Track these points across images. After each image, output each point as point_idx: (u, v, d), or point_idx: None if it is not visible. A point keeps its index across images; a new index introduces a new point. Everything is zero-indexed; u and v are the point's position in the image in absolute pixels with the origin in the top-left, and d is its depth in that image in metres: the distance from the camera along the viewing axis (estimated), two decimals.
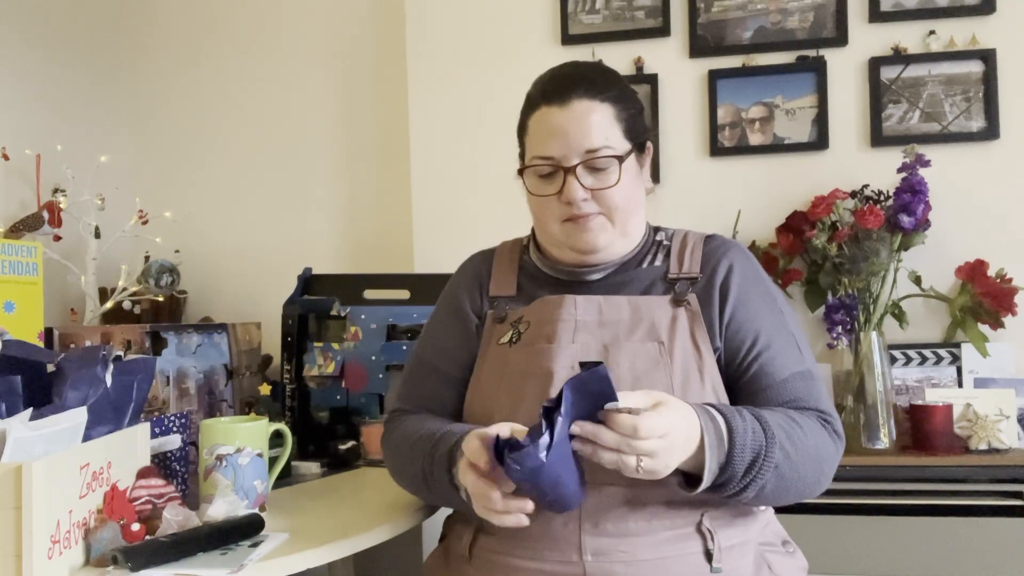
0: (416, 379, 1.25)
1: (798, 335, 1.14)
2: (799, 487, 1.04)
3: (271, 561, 1.00)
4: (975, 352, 1.81)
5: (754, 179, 1.97)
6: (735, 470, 0.97)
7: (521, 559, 1.05)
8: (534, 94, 1.16)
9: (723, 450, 0.97)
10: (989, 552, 1.57)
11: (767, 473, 0.98)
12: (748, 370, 1.10)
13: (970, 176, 1.88)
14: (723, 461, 0.97)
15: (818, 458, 1.04)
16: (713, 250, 1.18)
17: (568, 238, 1.15)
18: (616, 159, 1.11)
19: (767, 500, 1.04)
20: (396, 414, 1.24)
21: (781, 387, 1.08)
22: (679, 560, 1.02)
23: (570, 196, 1.11)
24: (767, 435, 0.99)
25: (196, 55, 2.37)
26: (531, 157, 1.15)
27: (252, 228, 2.33)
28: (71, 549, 0.93)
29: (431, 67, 2.12)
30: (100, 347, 1.08)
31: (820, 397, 1.10)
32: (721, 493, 0.99)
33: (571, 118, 1.11)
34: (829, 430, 1.08)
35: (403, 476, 1.18)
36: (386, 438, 1.23)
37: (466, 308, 1.23)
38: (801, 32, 1.95)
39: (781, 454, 0.99)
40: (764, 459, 0.98)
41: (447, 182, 2.10)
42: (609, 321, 1.12)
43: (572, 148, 1.11)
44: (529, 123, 1.16)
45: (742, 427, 0.98)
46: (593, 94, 1.12)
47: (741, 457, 0.97)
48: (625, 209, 1.14)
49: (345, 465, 1.60)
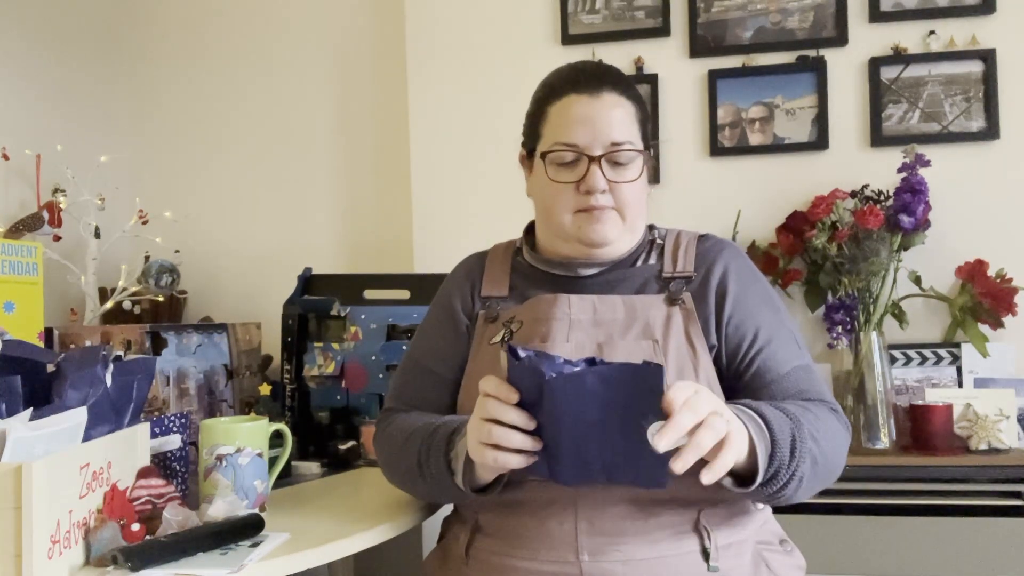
0: (408, 380, 1.25)
1: (795, 331, 1.15)
2: (825, 473, 1.02)
3: (271, 561, 0.99)
4: (975, 352, 1.81)
5: (754, 179, 1.97)
6: (782, 458, 0.95)
7: (518, 559, 1.05)
8: (558, 84, 1.17)
9: (766, 438, 0.95)
10: (989, 552, 1.57)
11: (805, 461, 0.96)
12: (750, 367, 1.10)
13: (970, 176, 1.88)
14: (770, 450, 0.95)
15: (836, 442, 1.05)
16: (707, 250, 1.18)
17: (579, 230, 1.15)
18: (639, 154, 1.14)
19: (802, 493, 1.00)
20: (388, 413, 1.24)
21: (784, 381, 1.09)
22: (676, 559, 1.02)
23: (592, 185, 1.11)
24: (793, 421, 0.98)
25: (196, 56, 2.37)
26: (553, 143, 1.14)
27: (252, 228, 2.33)
28: (71, 549, 0.93)
29: (431, 67, 2.12)
30: (100, 347, 1.08)
31: (823, 389, 1.11)
32: (770, 488, 0.96)
33: (601, 108, 1.12)
34: (838, 415, 1.09)
35: (395, 469, 1.17)
36: (378, 435, 1.22)
37: (457, 309, 1.23)
38: (801, 32, 1.95)
39: (811, 440, 0.98)
40: (800, 445, 0.96)
41: (447, 182, 2.10)
42: (604, 320, 1.12)
43: (598, 138, 1.11)
44: (550, 110, 1.16)
45: (772, 415, 0.97)
46: (622, 90, 1.15)
47: (784, 441, 0.95)
48: (636, 207, 1.15)
49: (345, 465, 1.60)
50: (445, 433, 1.06)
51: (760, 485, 0.95)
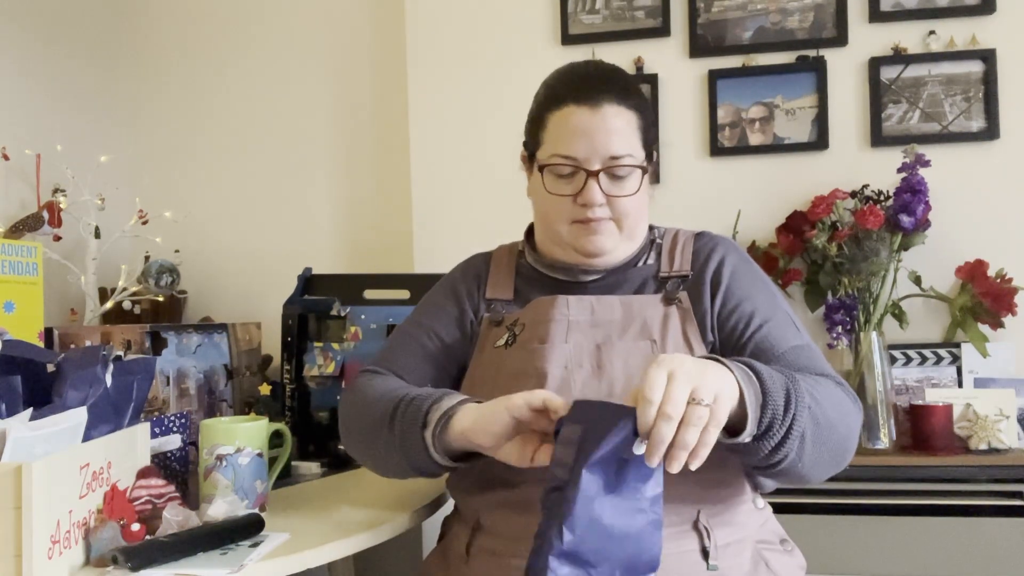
0: (396, 348, 1.24)
1: (792, 315, 1.13)
2: (834, 440, 0.96)
3: (271, 561, 0.99)
4: (975, 352, 1.81)
5: (754, 179, 1.97)
6: (776, 406, 0.89)
7: (519, 559, 1.04)
8: (559, 90, 1.14)
9: (755, 386, 0.90)
10: (989, 552, 1.57)
11: (803, 414, 0.91)
12: (745, 348, 1.08)
13: (970, 176, 1.88)
14: (761, 399, 0.89)
15: (843, 409, 0.99)
16: (703, 246, 1.18)
17: (575, 240, 1.15)
18: (639, 169, 1.12)
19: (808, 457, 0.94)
20: (366, 373, 1.22)
21: (782, 359, 1.05)
22: (675, 558, 1.02)
23: (589, 200, 1.11)
24: (786, 375, 0.94)
25: (196, 56, 2.37)
26: (551, 155, 1.13)
27: (252, 228, 2.33)
28: (71, 549, 0.93)
29: (431, 67, 2.12)
30: (100, 347, 1.08)
31: (825, 367, 1.07)
32: (767, 441, 0.90)
33: (600, 122, 1.10)
34: (845, 388, 1.04)
35: (360, 419, 1.14)
36: (349, 389, 1.20)
37: (463, 296, 1.24)
38: (801, 32, 1.95)
39: (808, 396, 0.93)
40: (797, 398, 0.91)
41: (447, 182, 2.10)
42: (601, 321, 1.12)
43: (597, 152, 1.10)
44: (549, 119, 1.14)
45: (761, 367, 0.93)
46: (622, 100, 1.12)
47: (776, 390, 0.90)
48: (634, 216, 1.15)
49: (345, 465, 1.60)
50: (442, 393, 1.06)
51: (756, 440, 0.90)
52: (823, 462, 0.98)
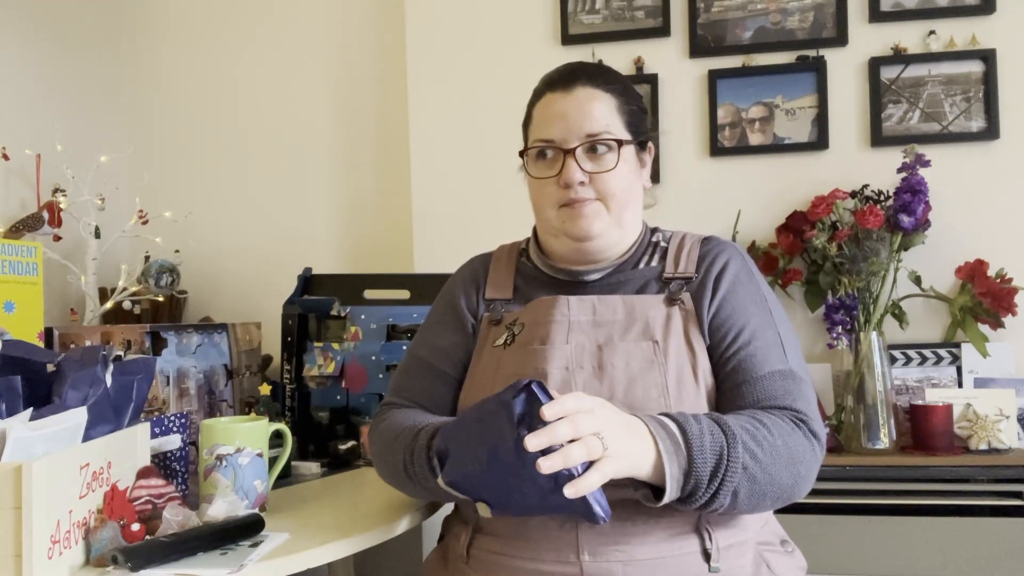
0: (409, 375, 1.25)
1: (785, 337, 1.11)
2: (775, 491, 0.98)
3: (271, 561, 0.99)
4: (975, 352, 1.81)
5: (754, 179, 1.97)
6: (699, 475, 0.93)
7: (519, 559, 1.05)
8: (540, 85, 1.20)
9: (682, 455, 0.93)
10: (989, 552, 1.57)
11: (735, 476, 0.94)
12: (727, 364, 1.09)
13: (970, 176, 1.88)
14: (685, 467, 0.93)
15: (791, 458, 0.99)
16: (709, 250, 1.18)
17: (564, 224, 1.15)
18: (616, 143, 1.13)
19: (744, 507, 0.98)
20: (385, 408, 1.24)
21: (757, 383, 1.06)
22: (677, 560, 1.02)
23: (568, 178, 1.12)
24: (727, 436, 0.95)
25: (197, 55, 2.37)
26: (533, 140, 1.17)
27: (252, 228, 2.33)
28: (71, 549, 0.93)
29: (431, 67, 2.12)
30: (100, 347, 1.08)
31: (798, 397, 1.05)
32: (691, 504, 0.95)
33: (573, 103, 1.13)
34: (803, 429, 1.03)
35: (385, 467, 1.16)
36: (372, 431, 1.21)
37: (462, 307, 1.24)
38: (801, 32, 1.95)
39: (747, 455, 0.95)
40: (729, 462, 0.94)
41: (447, 182, 2.10)
42: (603, 321, 1.12)
43: (572, 131, 1.12)
44: (533, 112, 1.19)
45: (697, 430, 0.94)
46: (597, 83, 1.15)
47: (702, 460, 0.93)
48: (621, 198, 1.15)
49: (345, 465, 1.61)
50: (427, 435, 1.06)
51: (680, 502, 0.95)
52: (764, 507, 1.01)
